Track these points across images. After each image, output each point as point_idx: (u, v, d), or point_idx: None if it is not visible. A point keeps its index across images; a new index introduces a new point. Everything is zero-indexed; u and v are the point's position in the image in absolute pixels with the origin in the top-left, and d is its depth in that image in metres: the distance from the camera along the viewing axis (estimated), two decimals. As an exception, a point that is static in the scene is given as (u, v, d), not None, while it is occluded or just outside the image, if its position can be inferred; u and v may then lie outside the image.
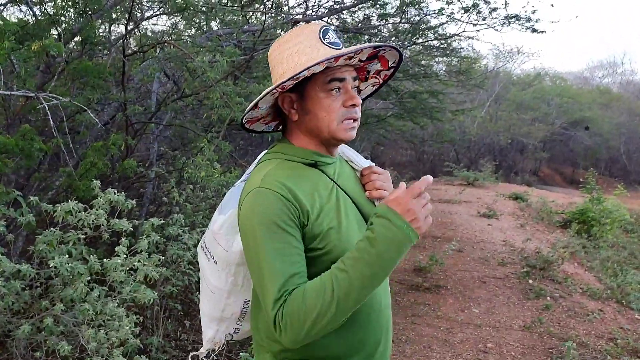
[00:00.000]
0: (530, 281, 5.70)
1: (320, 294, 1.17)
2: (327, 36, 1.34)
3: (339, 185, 1.40)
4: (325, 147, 1.41)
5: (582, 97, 21.64)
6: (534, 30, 6.05)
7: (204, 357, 1.67)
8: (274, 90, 1.32)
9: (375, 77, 1.51)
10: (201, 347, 1.66)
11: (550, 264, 6.02)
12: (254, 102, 1.35)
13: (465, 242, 7.29)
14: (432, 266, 5.85)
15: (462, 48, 8.42)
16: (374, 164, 1.54)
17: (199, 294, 3.98)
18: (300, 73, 1.26)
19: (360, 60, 1.39)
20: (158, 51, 4.11)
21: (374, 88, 1.55)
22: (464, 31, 6.13)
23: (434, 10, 5.46)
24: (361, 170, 1.51)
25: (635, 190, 17.13)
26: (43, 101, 2.48)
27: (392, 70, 1.49)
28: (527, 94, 19.74)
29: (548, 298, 5.25)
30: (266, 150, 1.48)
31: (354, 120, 1.36)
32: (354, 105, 1.34)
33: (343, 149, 1.54)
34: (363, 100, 1.56)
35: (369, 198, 1.46)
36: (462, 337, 4.29)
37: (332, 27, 1.39)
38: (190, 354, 1.70)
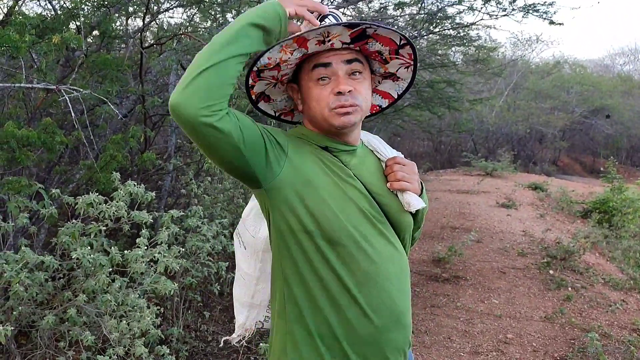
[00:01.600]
0: (551, 272, 5.64)
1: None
2: (324, 20, 1.31)
3: (354, 174, 1.37)
4: (333, 135, 1.39)
5: (602, 85, 21.23)
6: (552, 22, 5.94)
7: (236, 342, 1.68)
8: (268, 82, 1.39)
9: (398, 57, 1.43)
10: (221, 337, 1.69)
11: (571, 254, 5.95)
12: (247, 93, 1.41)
13: (484, 233, 7.24)
14: (451, 257, 5.82)
15: (480, 37, 8.29)
16: (400, 154, 1.50)
17: (217, 285, 4.02)
18: (257, 62, 1.29)
19: (344, 43, 1.32)
20: (175, 43, 4.12)
21: (409, 69, 1.47)
22: (482, 19, 6.06)
23: (453, 1, 5.39)
24: (385, 160, 1.47)
25: (657, 179, 16.83)
26: (64, 93, 2.50)
27: (408, 47, 1.40)
28: (545, 83, 19.44)
29: (569, 288, 5.19)
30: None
31: (348, 106, 1.31)
32: (340, 93, 1.30)
33: (369, 138, 1.52)
34: (409, 85, 1.52)
35: (390, 189, 1.42)
36: (482, 328, 4.26)
37: (335, 14, 1.35)
38: (223, 338, 1.71)
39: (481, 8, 5.24)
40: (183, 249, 3.20)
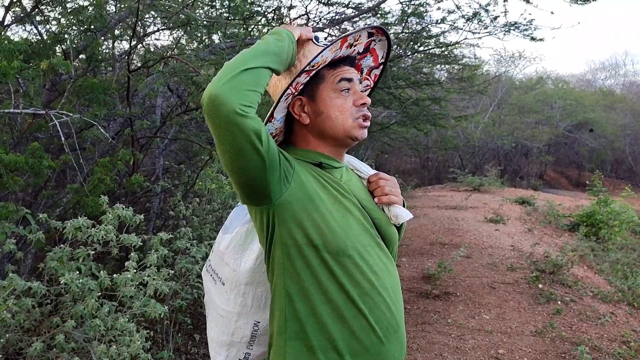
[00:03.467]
0: (540, 286, 5.66)
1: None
2: (319, 40, 1.41)
3: (348, 189, 1.41)
4: (336, 150, 1.45)
5: (585, 100, 21.59)
6: (532, 39, 6.06)
7: None
8: (288, 92, 1.35)
9: (367, 79, 1.58)
10: None
11: (559, 267, 5.99)
12: (270, 110, 1.37)
13: (473, 248, 7.27)
14: (440, 273, 5.83)
15: (464, 55, 8.41)
16: (380, 172, 1.55)
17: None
18: (313, 60, 1.31)
19: (358, 52, 1.47)
20: (162, 66, 4.14)
21: (367, 92, 1.61)
22: (465, 39, 6.16)
23: (436, 20, 5.48)
24: (368, 177, 1.52)
25: (641, 191, 17.03)
26: (53, 118, 2.50)
27: (381, 67, 1.56)
28: (529, 97, 19.71)
29: (559, 302, 5.22)
30: None
31: (366, 118, 1.42)
32: (364, 104, 1.41)
33: (348, 159, 1.56)
34: None
35: (378, 204, 1.46)
36: (474, 344, 4.26)
37: (319, 32, 1.49)
38: None
39: (463, 26, 5.32)
40: (172, 271, 3.19)
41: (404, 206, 1.50)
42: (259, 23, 5.69)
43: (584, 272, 6.50)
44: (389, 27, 6.44)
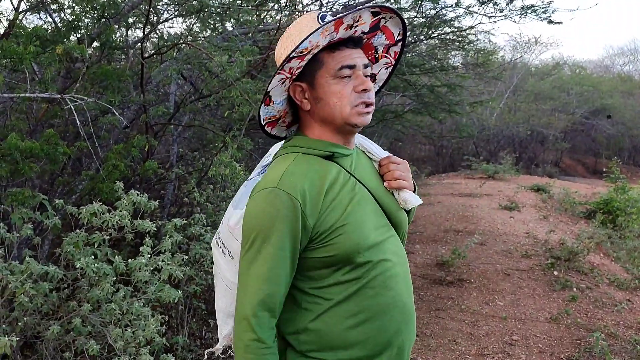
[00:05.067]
0: (556, 273, 5.62)
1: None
2: (326, 19, 1.31)
3: (356, 178, 1.39)
4: (342, 136, 1.40)
5: (602, 86, 21.23)
6: (550, 22, 5.94)
7: (220, 353, 1.65)
8: (284, 77, 1.32)
9: (386, 56, 1.49)
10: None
11: (575, 255, 5.93)
12: (265, 93, 1.35)
13: (487, 235, 7.23)
14: (454, 260, 5.81)
15: (479, 40, 8.30)
16: (391, 155, 1.52)
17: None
18: (300, 45, 1.25)
19: (363, 32, 1.37)
20: (176, 53, 4.15)
21: (389, 70, 1.52)
22: (480, 23, 6.06)
23: (450, 4, 5.41)
24: (379, 160, 1.49)
25: (660, 178, 16.78)
26: (69, 102, 2.52)
27: (400, 44, 1.46)
28: (545, 84, 19.43)
29: (574, 289, 5.18)
30: (282, 143, 1.47)
31: (367, 105, 1.35)
32: (365, 90, 1.33)
33: (360, 140, 1.53)
34: (382, 86, 1.54)
35: (388, 188, 1.44)
36: (488, 330, 4.25)
37: (329, 12, 1.38)
38: (207, 350, 1.69)
39: (478, 9, 5.24)
40: (187, 257, 3.21)
41: (414, 191, 1.49)
42: (272, 9, 5.66)
43: (600, 260, 6.43)
44: (402, 12, 6.37)
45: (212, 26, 5.99)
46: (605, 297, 5.00)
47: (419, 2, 5.29)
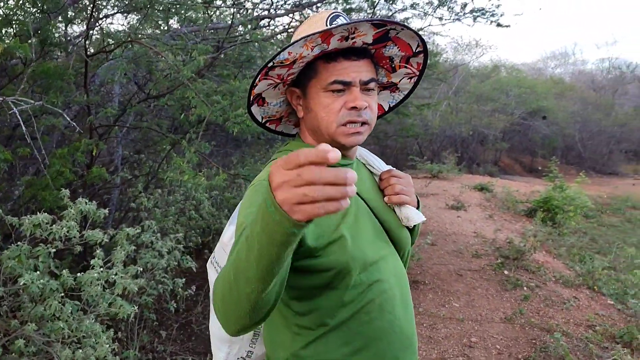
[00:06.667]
0: (506, 272, 5.74)
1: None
2: (335, 22, 1.21)
3: (356, 193, 1.29)
4: (337, 147, 1.28)
5: (538, 88, 22.08)
6: (499, 25, 6.07)
7: None
8: (272, 82, 1.25)
9: (406, 67, 1.36)
10: (179, 357, 1.53)
11: (522, 253, 6.08)
12: (248, 94, 1.28)
13: (437, 235, 7.31)
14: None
15: (427, 42, 8.39)
16: (394, 168, 1.43)
17: (174, 302, 3.83)
18: (278, 56, 1.16)
19: (366, 44, 1.24)
20: (123, 50, 3.91)
21: (412, 79, 1.40)
22: (429, 25, 6.13)
23: (405, 6, 5.42)
24: (380, 174, 1.40)
25: (590, 176, 17.64)
26: (12, 106, 2.28)
27: (421, 56, 1.33)
28: (486, 86, 20.04)
29: (525, 288, 5.29)
30: (279, 149, 1.39)
31: (360, 124, 1.23)
32: (355, 108, 1.20)
33: (361, 152, 1.44)
34: (405, 97, 1.44)
35: (388, 203, 1.35)
36: (446, 333, 4.26)
37: (343, 13, 1.26)
38: None
39: (433, 12, 5.28)
40: (139, 268, 3.02)
41: (418, 207, 1.40)
42: (222, 7, 5.49)
43: (544, 257, 6.62)
44: (351, 14, 6.33)
45: (156, 24, 5.75)
46: (554, 295, 5.13)
47: (374, 1, 5.26)
